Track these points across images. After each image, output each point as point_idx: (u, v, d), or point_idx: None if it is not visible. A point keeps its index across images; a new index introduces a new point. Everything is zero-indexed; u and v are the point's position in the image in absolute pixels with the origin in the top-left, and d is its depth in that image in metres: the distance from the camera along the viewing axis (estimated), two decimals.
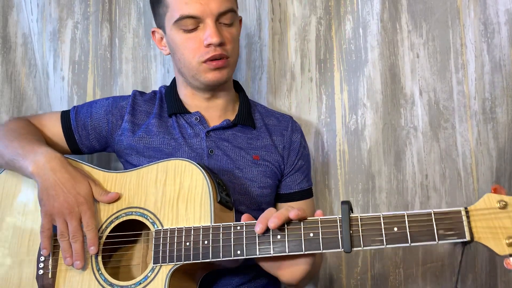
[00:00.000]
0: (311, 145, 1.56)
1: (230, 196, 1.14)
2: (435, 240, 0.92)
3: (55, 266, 1.13)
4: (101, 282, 1.09)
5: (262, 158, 1.30)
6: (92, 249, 1.09)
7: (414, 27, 1.56)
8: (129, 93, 1.40)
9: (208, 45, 1.20)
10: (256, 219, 1.03)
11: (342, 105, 1.56)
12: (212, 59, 1.21)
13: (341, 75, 1.57)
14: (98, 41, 1.60)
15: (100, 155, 1.56)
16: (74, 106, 1.37)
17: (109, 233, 1.12)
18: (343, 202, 0.97)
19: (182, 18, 1.20)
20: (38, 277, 1.13)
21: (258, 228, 1.00)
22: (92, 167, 1.20)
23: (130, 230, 1.14)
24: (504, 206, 0.91)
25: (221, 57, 1.22)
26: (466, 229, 0.91)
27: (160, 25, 1.29)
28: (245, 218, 1.05)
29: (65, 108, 1.56)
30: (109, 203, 1.14)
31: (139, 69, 1.61)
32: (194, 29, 1.22)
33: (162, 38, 1.31)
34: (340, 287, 1.51)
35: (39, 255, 1.14)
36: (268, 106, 1.56)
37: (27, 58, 1.63)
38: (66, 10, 1.59)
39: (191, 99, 1.32)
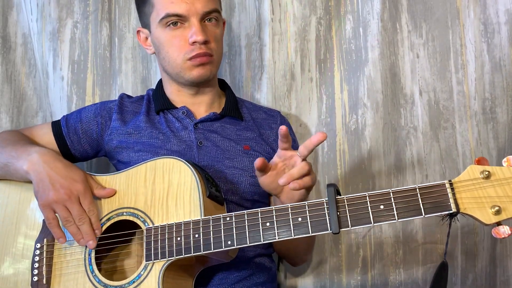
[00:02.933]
0: None
1: (220, 192, 1.15)
2: (422, 215, 0.93)
3: (49, 272, 1.13)
4: (95, 283, 1.09)
5: (252, 148, 1.32)
6: (97, 232, 1.10)
7: (414, 27, 1.56)
8: (128, 93, 1.43)
9: (193, 43, 1.24)
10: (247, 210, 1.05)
11: (342, 105, 1.55)
12: (196, 56, 1.25)
13: (341, 75, 1.57)
14: (98, 40, 1.60)
15: (98, 160, 1.56)
16: (64, 116, 1.38)
17: (101, 234, 1.12)
18: (328, 185, 0.99)
19: (168, 16, 1.24)
20: (33, 284, 1.13)
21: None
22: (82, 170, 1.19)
23: (123, 231, 1.14)
24: (488, 176, 0.92)
25: (205, 54, 1.26)
26: (451, 201, 0.92)
27: (145, 24, 1.33)
28: (259, 162, 1.08)
29: (64, 108, 1.57)
30: (105, 197, 1.14)
31: (139, 69, 1.61)
32: (179, 26, 1.25)
33: (147, 38, 1.35)
34: (340, 287, 1.50)
35: (33, 262, 1.15)
36: (268, 106, 1.56)
37: (27, 58, 1.63)
38: (65, 10, 1.59)
39: (177, 95, 1.35)
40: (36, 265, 1.14)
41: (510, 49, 1.53)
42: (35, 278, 1.13)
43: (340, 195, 1.00)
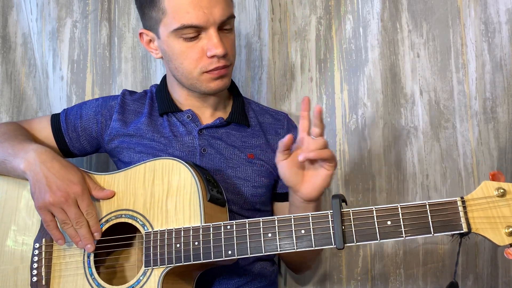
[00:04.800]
0: None
1: (222, 193, 1.12)
2: (431, 233, 0.90)
3: (48, 273, 1.13)
4: (94, 286, 1.09)
5: (257, 157, 1.28)
6: (96, 235, 1.09)
7: (415, 27, 1.56)
8: None
9: (212, 56, 1.16)
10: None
11: (342, 104, 1.55)
12: (214, 69, 1.18)
13: (341, 75, 1.56)
14: (97, 40, 1.60)
15: (98, 156, 1.56)
16: (64, 109, 1.35)
17: (101, 237, 1.11)
18: (333, 196, 0.95)
19: (184, 27, 1.15)
20: (32, 284, 1.12)
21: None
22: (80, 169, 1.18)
23: (123, 233, 1.13)
24: (503, 194, 0.87)
25: (224, 67, 1.19)
26: (462, 220, 0.88)
27: (152, 28, 1.22)
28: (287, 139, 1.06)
29: (64, 108, 1.56)
30: (104, 199, 1.13)
31: (139, 68, 1.61)
32: (195, 37, 1.17)
33: (151, 41, 1.25)
34: (340, 287, 1.50)
35: (32, 262, 1.14)
36: (268, 106, 1.56)
37: (27, 57, 1.63)
38: (65, 9, 1.59)
39: (184, 99, 1.29)
40: (35, 265, 1.13)
41: (511, 48, 1.52)
42: (35, 279, 1.12)
43: (346, 203, 0.97)
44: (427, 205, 0.91)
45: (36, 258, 1.14)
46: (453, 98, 1.54)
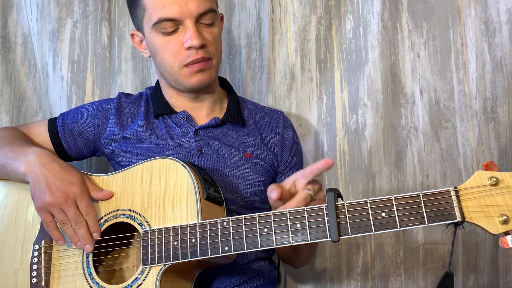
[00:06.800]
0: (311, 145, 1.55)
1: (219, 192, 1.13)
2: (425, 223, 0.90)
3: (47, 274, 1.13)
4: (93, 286, 1.09)
5: (254, 155, 1.29)
6: (95, 235, 1.10)
7: (415, 27, 1.56)
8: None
9: (189, 48, 1.18)
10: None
11: (342, 104, 1.55)
12: (193, 62, 1.20)
13: (341, 75, 1.56)
14: (97, 40, 1.60)
15: (98, 159, 1.56)
16: (61, 113, 1.36)
17: (100, 236, 1.12)
18: (328, 190, 0.96)
19: (161, 21, 1.18)
20: (32, 285, 1.13)
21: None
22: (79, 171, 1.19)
23: (121, 233, 1.13)
24: (496, 183, 0.88)
25: (203, 59, 1.20)
26: (456, 209, 0.89)
27: (139, 27, 1.26)
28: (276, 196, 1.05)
29: (64, 108, 1.57)
30: (103, 200, 1.14)
31: (139, 68, 1.61)
32: (174, 31, 1.19)
33: (141, 41, 1.29)
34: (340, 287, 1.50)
35: (32, 263, 1.14)
36: (268, 106, 1.56)
37: (27, 58, 1.63)
38: (65, 10, 1.59)
39: (176, 100, 1.30)
40: (35, 266, 1.14)
41: (511, 48, 1.52)
42: (34, 280, 1.13)
43: (342, 199, 0.98)
44: (421, 196, 0.91)
45: (35, 260, 1.14)
46: (453, 98, 1.54)
